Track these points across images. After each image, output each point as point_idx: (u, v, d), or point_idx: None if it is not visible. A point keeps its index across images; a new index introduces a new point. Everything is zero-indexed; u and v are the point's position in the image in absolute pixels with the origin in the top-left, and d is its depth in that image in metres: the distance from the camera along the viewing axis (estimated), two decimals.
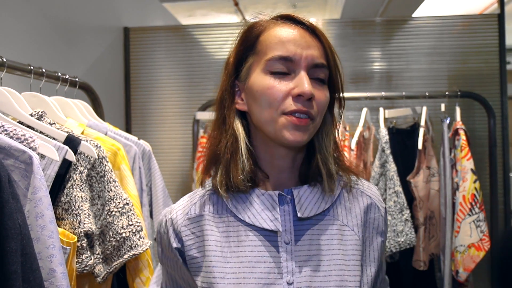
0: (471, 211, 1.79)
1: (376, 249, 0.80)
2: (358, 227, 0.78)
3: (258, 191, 0.77)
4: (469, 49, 2.41)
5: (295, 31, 0.74)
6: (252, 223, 0.75)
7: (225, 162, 0.76)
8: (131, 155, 1.37)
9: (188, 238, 0.78)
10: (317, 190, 0.77)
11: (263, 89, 0.72)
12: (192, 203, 0.82)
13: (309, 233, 0.75)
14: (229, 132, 0.76)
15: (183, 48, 2.56)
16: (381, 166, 1.94)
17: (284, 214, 0.76)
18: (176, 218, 0.80)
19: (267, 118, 0.72)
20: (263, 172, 0.78)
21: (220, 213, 0.78)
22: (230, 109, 0.78)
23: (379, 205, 0.82)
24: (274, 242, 0.74)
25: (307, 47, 0.73)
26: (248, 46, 0.77)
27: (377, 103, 2.22)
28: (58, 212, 1.09)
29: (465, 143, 1.87)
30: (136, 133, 2.54)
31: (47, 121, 1.12)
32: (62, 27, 1.88)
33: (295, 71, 0.72)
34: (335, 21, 2.57)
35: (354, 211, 0.79)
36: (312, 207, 0.75)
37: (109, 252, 1.16)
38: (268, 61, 0.73)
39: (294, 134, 0.71)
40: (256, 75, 0.74)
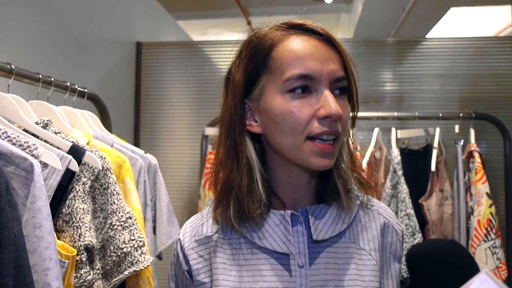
0: (487, 237, 1.72)
1: (394, 276, 0.74)
2: (375, 251, 0.72)
3: (271, 212, 0.72)
4: (482, 72, 2.37)
5: (312, 44, 0.67)
6: (264, 245, 0.70)
7: (240, 194, 0.69)
8: (136, 169, 1.34)
9: (195, 262, 0.74)
10: (333, 210, 0.72)
11: (284, 113, 0.65)
12: (200, 224, 0.77)
13: (324, 256, 0.70)
14: (243, 160, 0.70)
15: (194, 64, 2.57)
16: (392, 188, 1.89)
17: (297, 235, 0.70)
18: (183, 240, 0.77)
19: (290, 144, 0.67)
20: (278, 198, 0.73)
21: (230, 234, 0.73)
22: (241, 134, 0.71)
23: (396, 228, 0.76)
24: (287, 266, 0.69)
25: (326, 60, 0.66)
26: (259, 64, 0.69)
27: (388, 123, 2.17)
28: (58, 223, 1.05)
29: (480, 165, 1.81)
30: (144, 147, 2.53)
31: (52, 130, 1.10)
32: (75, 40, 1.89)
33: (316, 89, 0.66)
34: (347, 41, 2.56)
35: (371, 233, 0.73)
36: (327, 228, 0.70)
37: (109, 267, 1.12)
38: (286, 81, 0.66)
39: (323, 161, 0.66)
40: (273, 96, 0.67)
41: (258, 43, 0.70)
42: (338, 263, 0.70)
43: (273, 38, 0.69)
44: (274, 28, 0.71)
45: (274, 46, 0.69)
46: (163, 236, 1.45)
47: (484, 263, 1.70)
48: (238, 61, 0.72)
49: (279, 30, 0.70)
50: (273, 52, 0.68)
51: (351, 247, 0.72)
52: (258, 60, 0.69)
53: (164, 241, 1.45)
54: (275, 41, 0.69)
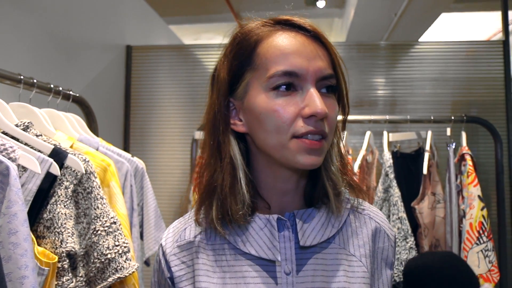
0: (479, 240, 1.70)
1: (385, 283, 0.71)
2: (366, 258, 0.69)
3: (256, 216, 0.68)
4: (474, 75, 2.37)
5: (298, 40, 0.64)
6: (248, 251, 0.66)
7: (222, 195, 0.66)
8: (122, 172, 1.31)
9: (177, 268, 0.71)
10: (322, 214, 0.69)
11: (268, 111, 0.63)
12: (183, 229, 0.74)
13: (312, 262, 0.67)
14: (226, 160, 0.67)
15: (185, 67, 2.54)
16: (384, 191, 1.87)
17: (284, 241, 0.67)
18: (165, 246, 0.73)
19: (275, 143, 0.64)
20: (263, 200, 0.70)
21: (213, 239, 0.70)
22: (225, 133, 0.68)
23: (388, 233, 0.73)
24: (273, 273, 0.66)
25: (313, 57, 0.63)
26: (243, 60, 0.66)
27: (380, 127, 2.16)
28: (39, 229, 1.02)
29: (472, 168, 1.80)
30: (134, 151, 2.49)
31: (33, 132, 1.07)
32: (63, 42, 1.86)
33: (302, 86, 0.63)
34: (339, 44, 2.55)
35: (362, 239, 0.70)
36: (316, 234, 0.67)
37: (92, 274, 1.09)
38: (270, 78, 0.63)
39: (309, 158, 0.63)
40: (257, 94, 0.64)
41: (243, 39, 0.67)
42: (327, 270, 0.67)
43: (258, 34, 0.66)
44: (260, 24, 0.68)
45: (259, 42, 0.66)
46: (151, 241, 1.42)
47: (476, 266, 1.68)
48: (223, 58, 0.69)
49: (266, 26, 0.67)
50: (258, 48, 0.66)
51: (341, 253, 0.68)
52: (243, 57, 0.66)
53: (151, 246, 1.42)
54: (261, 37, 0.66)
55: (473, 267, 1.67)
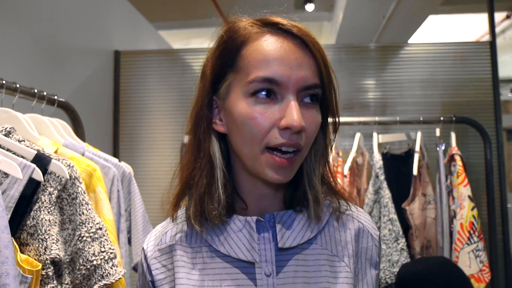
0: (470, 240, 1.70)
1: (370, 283, 0.70)
2: (349, 258, 0.68)
3: (235, 217, 0.68)
4: (463, 76, 2.39)
5: (283, 46, 0.62)
6: (228, 253, 0.66)
7: (199, 193, 0.66)
8: (109, 177, 1.29)
9: (158, 272, 0.70)
10: (302, 216, 0.68)
11: (245, 117, 0.61)
12: (164, 232, 0.74)
13: (293, 263, 0.66)
14: (205, 158, 0.66)
15: (175, 72, 2.53)
16: (375, 193, 1.87)
17: (264, 242, 0.66)
18: (147, 250, 0.73)
19: (248, 152, 0.63)
20: (242, 200, 0.69)
21: (194, 243, 0.70)
22: (206, 132, 0.67)
23: (372, 233, 0.72)
24: (252, 275, 0.65)
25: (297, 66, 0.61)
26: (227, 60, 0.64)
27: (370, 129, 2.16)
28: (22, 236, 1.00)
29: (462, 169, 1.80)
30: (124, 157, 2.47)
31: (16, 138, 1.05)
32: (50, 48, 1.84)
33: (282, 95, 0.61)
34: (328, 46, 2.56)
35: (344, 239, 0.69)
36: (296, 235, 0.66)
37: (78, 281, 1.07)
38: (250, 83, 0.61)
39: (277, 175, 0.62)
40: (237, 97, 0.63)
41: (230, 38, 0.65)
42: (308, 271, 0.66)
43: (244, 35, 0.64)
44: (249, 24, 0.65)
45: (244, 44, 0.64)
46: (139, 247, 1.40)
47: (467, 266, 1.68)
48: (210, 55, 0.67)
49: (254, 27, 0.65)
50: (242, 50, 0.64)
51: (323, 253, 0.68)
52: (227, 57, 0.65)
53: (139, 252, 1.40)
54: (246, 38, 0.64)
55: (464, 267, 1.67)
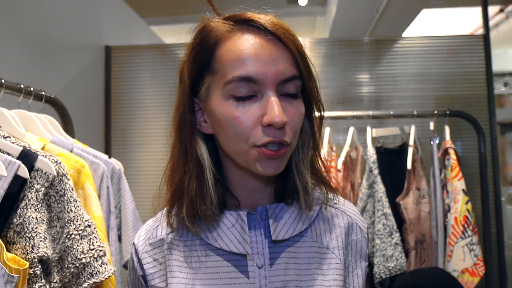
0: (464, 234, 1.70)
1: (360, 275, 0.71)
2: (339, 250, 0.69)
3: (227, 212, 0.68)
4: (456, 70, 2.38)
5: (256, 42, 0.61)
6: (219, 246, 0.66)
7: (190, 196, 0.66)
8: (98, 174, 1.27)
9: (149, 266, 0.71)
10: (293, 209, 0.69)
11: (227, 118, 0.61)
12: (155, 227, 0.74)
13: (285, 256, 0.67)
14: (193, 162, 0.66)
15: (167, 67, 2.50)
16: (369, 187, 1.86)
17: (255, 235, 0.67)
18: (138, 244, 0.73)
19: (237, 149, 0.63)
20: (234, 196, 0.70)
21: (186, 237, 0.70)
22: (191, 135, 0.67)
23: (361, 225, 0.73)
24: (244, 267, 0.66)
25: (272, 61, 0.60)
26: (203, 64, 0.64)
27: (364, 123, 2.15)
28: (9, 235, 0.97)
29: (456, 162, 1.80)
30: (116, 154, 2.44)
31: (0, 134, 1.02)
32: (39, 43, 1.80)
33: (262, 92, 0.61)
34: (322, 41, 2.53)
35: (334, 232, 0.71)
36: (288, 228, 0.67)
37: (67, 280, 1.05)
38: (227, 84, 0.61)
39: (269, 166, 0.62)
40: (217, 99, 0.63)
41: (202, 40, 0.64)
42: (299, 263, 0.67)
43: (216, 36, 0.63)
44: (220, 23, 0.64)
45: (217, 45, 0.63)
46: (129, 244, 1.38)
47: (461, 260, 1.68)
48: (185, 58, 0.67)
49: (225, 26, 0.64)
50: (216, 52, 0.63)
51: (314, 246, 0.69)
52: (202, 60, 0.64)
53: (130, 249, 1.38)
54: (219, 39, 0.63)
55: (458, 261, 1.67)
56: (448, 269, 1.71)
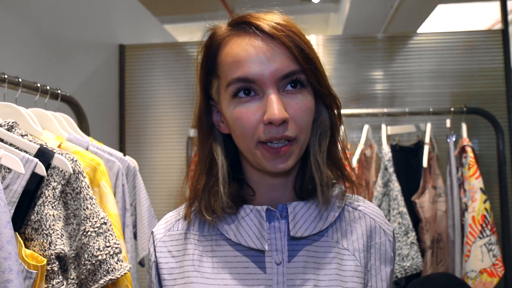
0: (482, 234, 1.67)
1: (384, 279, 0.69)
2: (359, 252, 0.68)
3: (246, 207, 0.69)
4: (473, 66, 2.33)
5: (253, 44, 0.63)
6: (238, 241, 0.67)
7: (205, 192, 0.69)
8: (113, 172, 1.28)
9: (162, 255, 0.72)
10: (314, 207, 0.69)
11: (233, 119, 0.64)
12: (175, 220, 0.76)
13: (303, 254, 0.67)
14: (206, 159, 0.70)
15: (180, 65, 2.51)
16: (384, 186, 1.84)
17: (274, 231, 0.68)
18: (156, 232, 0.75)
19: (245, 148, 0.66)
20: (250, 187, 0.71)
21: (206, 231, 0.72)
22: (209, 135, 0.71)
23: (385, 229, 0.72)
24: (262, 263, 0.67)
25: (268, 60, 0.62)
26: (209, 69, 0.68)
27: (379, 120, 2.12)
28: (27, 231, 0.99)
29: (473, 160, 1.76)
30: (130, 151, 2.46)
31: (18, 132, 1.03)
32: (54, 42, 1.82)
33: (262, 91, 0.63)
34: (335, 37, 2.51)
35: (355, 234, 0.70)
36: (308, 226, 0.67)
37: (83, 276, 1.06)
38: (228, 86, 0.64)
39: (276, 164, 0.64)
40: (224, 101, 0.66)
41: (208, 46, 0.68)
42: (319, 262, 0.67)
43: (218, 40, 0.67)
44: (223, 27, 0.67)
45: (218, 50, 0.67)
46: (144, 241, 1.38)
47: (480, 260, 1.65)
48: (197, 64, 0.71)
49: (227, 30, 0.67)
50: (218, 56, 0.67)
51: (333, 246, 0.68)
52: (208, 65, 0.68)
53: (145, 246, 1.39)
54: (220, 44, 0.67)
55: (476, 262, 1.64)
56: (465, 269, 1.69)
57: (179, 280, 0.69)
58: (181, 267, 0.70)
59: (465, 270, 1.69)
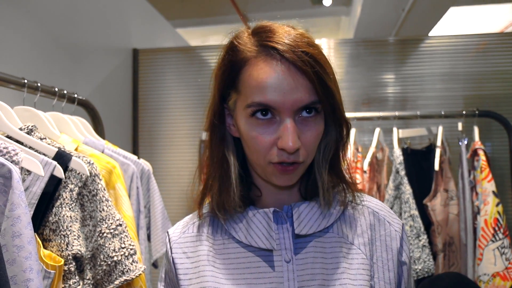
0: (495, 237, 1.66)
1: (392, 269, 0.70)
2: (365, 246, 0.71)
3: (253, 209, 0.73)
4: (486, 69, 2.32)
5: (277, 71, 0.64)
6: (249, 243, 0.71)
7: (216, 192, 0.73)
8: (128, 174, 1.30)
9: (177, 256, 0.76)
10: (318, 206, 0.72)
11: (248, 135, 0.68)
12: (192, 222, 0.80)
13: (311, 250, 0.70)
14: (219, 160, 0.73)
15: (192, 69, 2.54)
16: (395, 189, 1.84)
17: (282, 231, 0.71)
18: (172, 234, 0.79)
19: (256, 162, 0.69)
20: (257, 188, 0.75)
21: (219, 235, 0.75)
22: (220, 135, 0.74)
23: (389, 221, 0.74)
24: (271, 262, 0.70)
25: (290, 90, 0.63)
26: (229, 83, 0.70)
27: (390, 123, 2.12)
28: (45, 232, 1.02)
29: (485, 163, 1.75)
30: (143, 154, 2.49)
31: (37, 135, 1.07)
32: (69, 47, 1.86)
33: (280, 116, 0.65)
34: (346, 41, 2.52)
35: (360, 228, 0.73)
36: (312, 223, 0.71)
37: (99, 277, 1.08)
38: (248, 107, 0.66)
39: (282, 180, 0.69)
40: (241, 115, 0.69)
41: (230, 60, 0.69)
42: (326, 257, 0.70)
43: (242, 58, 0.67)
44: (248, 44, 0.68)
45: (242, 67, 0.67)
46: (158, 243, 1.41)
47: (492, 264, 1.64)
48: (216, 70, 0.72)
49: (253, 46, 0.67)
50: (241, 73, 0.68)
51: (339, 241, 0.71)
52: (229, 79, 0.70)
53: (159, 248, 1.41)
54: (244, 61, 0.67)
55: (489, 265, 1.63)
56: (478, 273, 1.68)
57: (194, 280, 0.72)
58: (195, 268, 0.73)
59: (477, 274, 1.68)
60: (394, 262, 0.71)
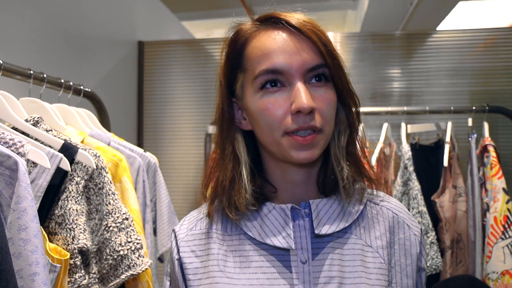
0: (504, 235, 1.64)
1: (410, 275, 0.68)
2: (383, 249, 0.68)
3: (269, 205, 0.69)
4: (494, 64, 2.29)
5: (280, 37, 0.65)
6: (263, 241, 0.67)
7: (228, 189, 0.70)
8: (134, 168, 1.29)
9: (185, 255, 0.72)
10: (337, 204, 0.69)
11: (259, 110, 0.65)
12: (199, 218, 0.75)
13: (328, 251, 0.66)
14: (231, 157, 0.71)
15: (198, 62, 2.52)
16: (403, 185, 1.82)
17: (299, 230, 0.67)
18: (179, 231, 0.75)
19: (270, 140, 0.66)
20: (271, 185, 0.71)
21: (229, 230, 0.71)
22: (230, 133, 0.72)
23: (408, 223, 0.71)
24: (288, 262, 0.66)
25: (296, 52, 0.63)
26: (234, 64, 0.69)
27: (398, 119, 2.09)
28: (51, 225, 1.00)
29: (496, 160, 1.73)
30: (148, 147, 2.48)
31: (43, 127, 1.05)
32: (75, 39, 1.84)
33: (289, 82, 0.64)
34: (353, 35, 2.49)
35: (378, 230, 0.69)
36: (331, 223, 0.67)
37: (105, 271, 1.07)
38: (256, 78, 0.65)
39: (302, 153, 0.64)
40: (249, 95, 0.67)
41: (233, 41, 0.70)
42: (343, 260, 0.66)
43: (245, 36, 0.68)
44: (249, 24, 0.69)
45: (245, 45, 0.68)
46: (164, 237, 1.39)
47: (502, 261, 1.62)
48: (221, 60, 0.72)
49: (253, 25, 0.69)
50: (244, 51, 0.68)
51: (357, 243, 0.68)
52: (233, 60, 0.69)
53: (165, 242, 1.40)
54: (246, 39, 0.68)
55: (498, 263, 1.61)
56: (487, 271, 1.66)
57: (204, 280, 0.68)
58: (205, 267, 0.69)
59: (486, 272, 1.66)
60: (413, 268, 0.68)
